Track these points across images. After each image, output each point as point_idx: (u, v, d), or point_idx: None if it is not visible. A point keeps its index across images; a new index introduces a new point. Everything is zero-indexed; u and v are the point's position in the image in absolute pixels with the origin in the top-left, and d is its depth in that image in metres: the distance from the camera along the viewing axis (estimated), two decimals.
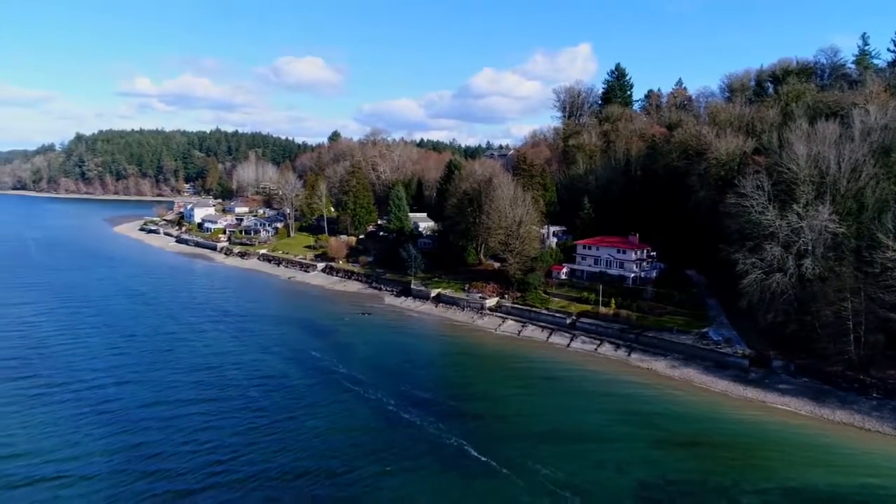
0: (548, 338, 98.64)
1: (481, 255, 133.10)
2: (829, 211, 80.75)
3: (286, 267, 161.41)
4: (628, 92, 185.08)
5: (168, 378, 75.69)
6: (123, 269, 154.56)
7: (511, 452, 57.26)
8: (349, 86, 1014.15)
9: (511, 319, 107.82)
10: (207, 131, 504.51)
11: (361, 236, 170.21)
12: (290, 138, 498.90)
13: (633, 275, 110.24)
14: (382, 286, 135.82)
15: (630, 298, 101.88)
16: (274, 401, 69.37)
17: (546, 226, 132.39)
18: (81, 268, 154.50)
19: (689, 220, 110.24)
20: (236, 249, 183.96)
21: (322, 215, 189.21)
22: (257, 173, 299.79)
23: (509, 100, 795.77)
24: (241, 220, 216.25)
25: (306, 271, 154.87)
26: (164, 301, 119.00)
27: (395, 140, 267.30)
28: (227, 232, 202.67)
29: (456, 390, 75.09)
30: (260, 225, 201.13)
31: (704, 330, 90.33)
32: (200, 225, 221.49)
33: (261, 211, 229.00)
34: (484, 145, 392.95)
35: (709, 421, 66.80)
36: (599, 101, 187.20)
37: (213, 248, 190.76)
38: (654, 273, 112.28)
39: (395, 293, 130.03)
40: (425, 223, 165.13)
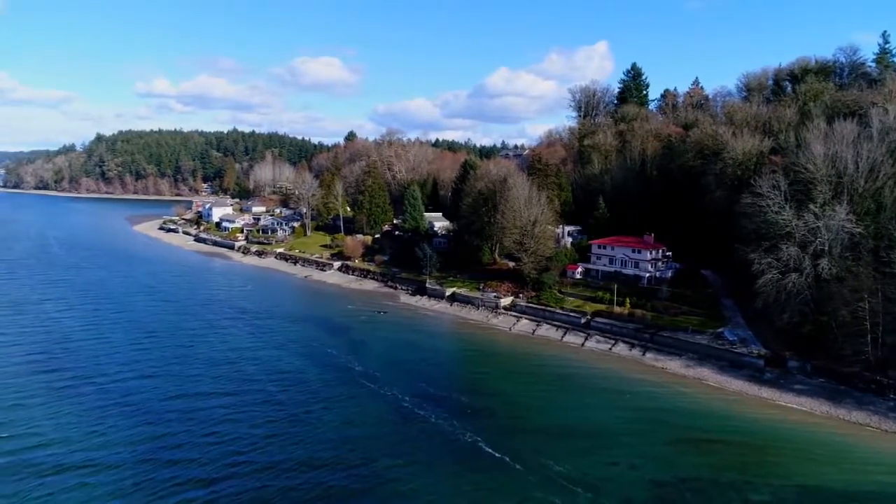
0: (562, 337, 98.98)
1: (496, 255, 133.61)
2: (846, 211, 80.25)
3: (303, 266, 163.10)
4: (644, 91, 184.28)
5: (188, 372, 77.53)
6: (143, 268, 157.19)
7: (524, 449, 57.81)
8: (365, 86, 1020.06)
9: (525, 318, 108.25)
10: (225, 131, 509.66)
11: (377, 235, 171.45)
12: (306, 138, 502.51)
13: (648, 274, 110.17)
14: (398, 285, 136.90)
15: (645, 298, 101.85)
16: (291, 395, 70.72)
17: (561, 225, 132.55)
18: (103, 266, 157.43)
19: (704, 220, 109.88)
20: (254, 248, 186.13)
21: (338, 215, 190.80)
22: (274, 173, 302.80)
23: (525, 99, 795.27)
24: (258, 219, 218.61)
25: (322, 270, 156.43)
26: (184, 299, 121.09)
27: (411, 140, 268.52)
28: (245, 231, 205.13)
29: (470, 388, 75.78)
30: (277, 224, 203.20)
31: (720, 330, 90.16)
32: (218, 224, 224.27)
33: (277, 210, 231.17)
34: (499, 145, 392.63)
35: (723, 420, 66.82)
36: (615, 101, 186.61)
37: (231, 247, 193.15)
38: (669, 273, 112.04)
39: (410, 292, 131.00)
40: (440, 223, 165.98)
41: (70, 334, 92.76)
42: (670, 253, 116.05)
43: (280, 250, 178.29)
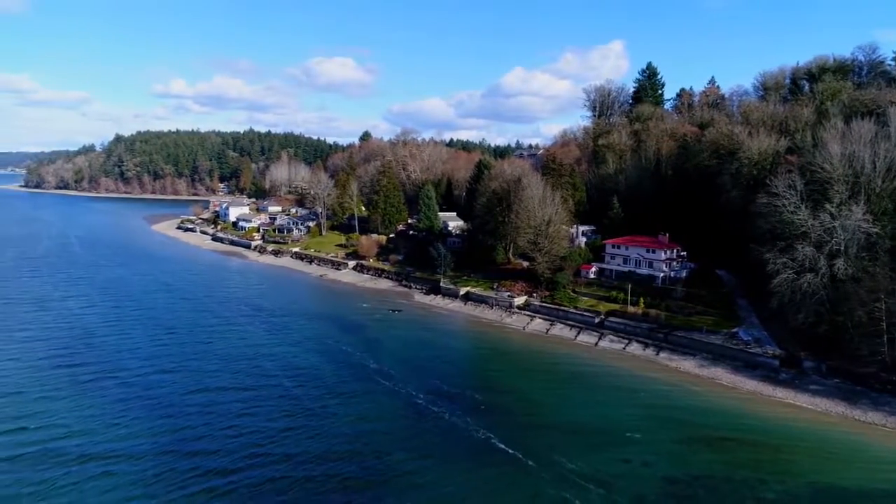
0: (576, 336, 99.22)
1: (510, 254, 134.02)
2: (862, 211, 79.78)
3: (318, 265, 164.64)
4: (660, 91, 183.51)
5: (207, 368, 79.13)
6: (162, 266, 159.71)
7: (537, 446, 58.21)
8: (379, 86, 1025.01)
9: (539, 318, 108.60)
10: (241, 132, 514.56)
11: (392, 235, 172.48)
12: (321, 138, 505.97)
13: (662, 274, 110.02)
14: (412, 284, 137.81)
15: (659, 298, 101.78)
16: (307, 391, 71.87)
17: (575, 225, 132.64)
18: (122, 264, 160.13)
19: (719, 219, 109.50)
20: (270, 247, 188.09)
21: (353, 214, 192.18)
22: (290, 173, 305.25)
23: (539, 99, 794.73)
24: (274, 218, 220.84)
25: (338, 269, 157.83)
26: (202, 296, 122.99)
27: (425, 140, 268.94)
28: (261, 230, 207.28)
29: (484, 385, 76.23)
30: (293, 224, 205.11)
31: (734, 330, 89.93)
32: (235, 224, 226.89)
33: (293, 210, 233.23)
34: (513, 145, 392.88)
35: (736, 419, 66.67)
36: (630, 101, 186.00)
37: (248, 247, 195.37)
38: (683, 273, 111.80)
39: (424, 291, 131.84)
40: (454, 222, 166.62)
41: (92, 330, 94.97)
42: (685, 253, 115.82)
43: (296, 249, 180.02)
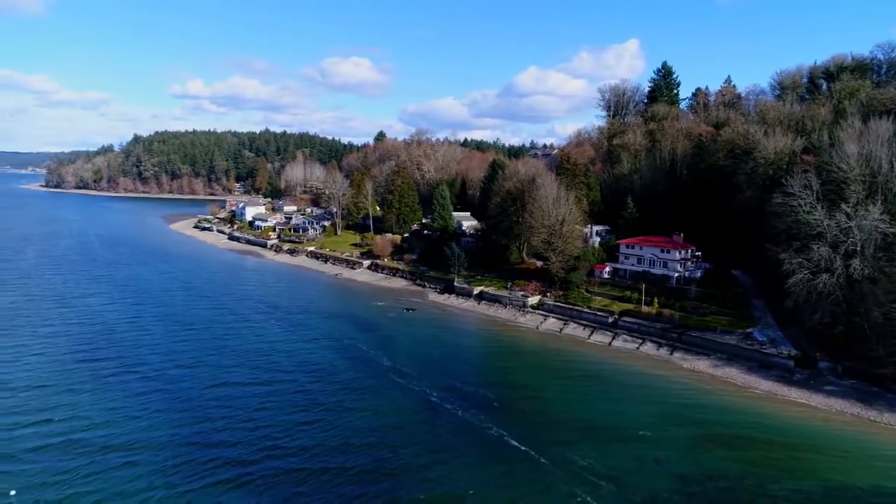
0: (589, 336, 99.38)
1: (524, 254, 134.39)
2: (879, 211, 79.26)
3: (333, 264, 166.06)
4: (675, 91, 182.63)
5: (224, 363, 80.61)
6: (180, 265, 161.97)
7: (550, 444, 58.59)
8: (394, 86, 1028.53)
9: (553, 317, 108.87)
10: (257, 132, 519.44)
11: (406, 234, 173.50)
12: (336, 138, 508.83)
13: (676, 274, 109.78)
14: (426, 283, 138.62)
15: (673, 298, 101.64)
16: (322, 387, 73.00)
17: (589, 225, 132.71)
18: (141, 263, 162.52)
19: (735, 219, 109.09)
20: (285, 247, 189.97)
21: (368, 214, 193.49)
22: (305, 173, 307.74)
23: (554, 98, 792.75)
24: (289, 218, 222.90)
25: (352, 268, 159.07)
26: (219, 294, 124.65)
27: (440, 140, 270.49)
28: (277, 230, 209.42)
29: (497, 384, 76.79)
30: (308, 223, 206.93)
31: (749, 330, 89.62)
32: (251, 223, 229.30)
33: (309, 210, 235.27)
34: (528, 144, 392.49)
35: (750, 420, 66.60)
36: (645, 100, 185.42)
37: (264, 246, 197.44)
38: (698, 273, 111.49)
39: (438, 290, 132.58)
40: (468, 222, 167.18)
41: (113, 326, 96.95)
42: (700, 253, 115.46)
43: (311, 249, 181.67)
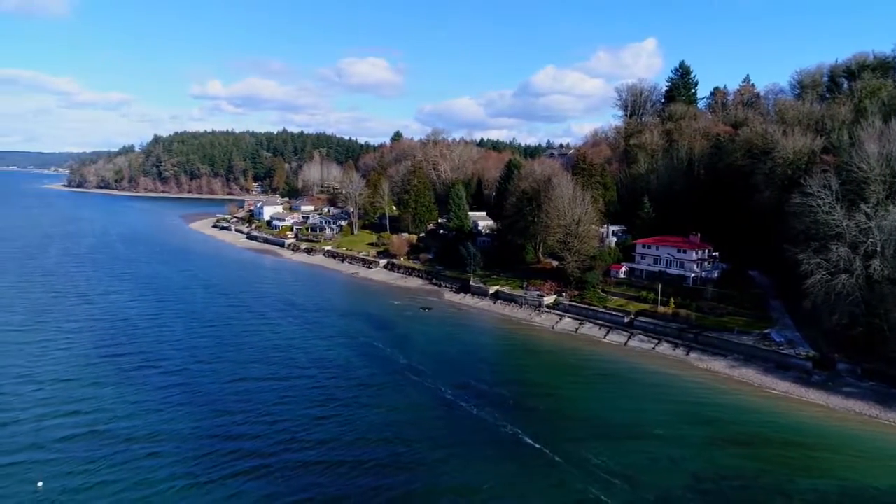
0: (605, 336, 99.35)
1: (539, 254, 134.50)
2: None
3: (350, 263, 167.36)
4: (693, 90, 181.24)
5: (243, 360, 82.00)
6: (199, 263, 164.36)
7: (565, 442, 58.84)
8: (410, 86, 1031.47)
9: (568, 317, 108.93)
10: (274, 132, 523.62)
11: (422, 234, 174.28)
12: (352, 138, 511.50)
13: (693, 275, 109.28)
14: (442, 283, 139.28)
15: (690, 298, 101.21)
16: (339, 383, 74.00)
17: (605, 225, 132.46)
18: (162, 261, 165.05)
19: (752, 219, 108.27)
20: (303, 246, 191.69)
21: (384, 214, 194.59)
22: (322, 173, 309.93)
23: (571, 98, 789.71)
24: (307, 217, 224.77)
25: (369, 267, 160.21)
26: (237, 293, 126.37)
27: (456, 140, 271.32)
28: (294, 229, 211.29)
29: (512, 383, 77.13)
30: (325, 223, 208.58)
31: (766, 331, 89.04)
32: (269, 222, 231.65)
33: (325, 209, 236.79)
34: (544, 144, 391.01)
35: (767, 420, 66.37)
36: (662, 100, 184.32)
37: (281, 245, 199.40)
38: (715, 273, 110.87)
39: (454, 290, 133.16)
40: (484, 221, 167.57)
41: (135, 323, 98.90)
42: (717, 253, 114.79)
43: (328, 248, 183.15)
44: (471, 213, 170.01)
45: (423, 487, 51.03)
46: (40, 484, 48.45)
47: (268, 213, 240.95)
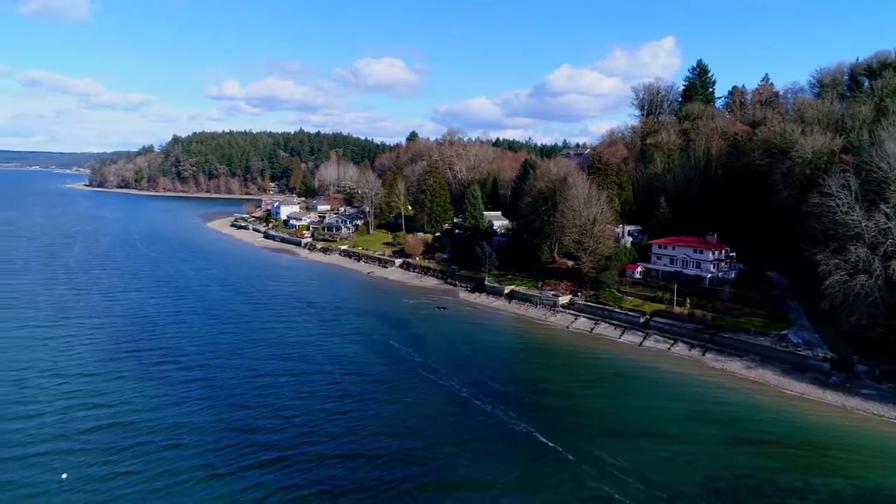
0: (620, 336, 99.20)
1: (555, 254, 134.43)
2: None
3: (365, 262, 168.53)
4: (710, 89, 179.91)
5: (260, 356, 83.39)
6: (217, 262, 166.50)
7: (578, 441, 59.06)
8: (426, 86, 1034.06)
9: (583, 317, 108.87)
10: (291, 132, 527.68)
11: (437, 234, 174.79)
12: (368, 138, 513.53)
13: (710, 275, 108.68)
14: (457, 282, 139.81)
15: (706, 299, 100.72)
16: (355, 381, 74.92)
17: (621, 225, 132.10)
18: (180, 259, 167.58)
19: (770, 220, 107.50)
20: (319, 245, 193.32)
21: (400, 213, 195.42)
22: (338, 173, 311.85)
23: (587, 97, 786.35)
24: (323, 217, 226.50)
25: (384, 267, 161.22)
26: (254, 291, 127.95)
27: (471, 139, 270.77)
28: (311, 228, 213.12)
29: (526, 382, 77.43)
30: (341, 222, 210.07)
31: (784, 332, 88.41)
32: (286, 222, 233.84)
33: (342, 209, 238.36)
34: (560, 144, 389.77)
35: (783, 421, 66.03)
36: (679, 99, 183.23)
37: (298, 244, 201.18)
38: (732, 274, 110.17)
39: (469, 289, 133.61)
40: (500, 221, 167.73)
41: (155, 319, 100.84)
42: (734, 253, 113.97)
43: (344, 247, 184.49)
44: (486, 213, 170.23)
45: (436, 481, 51.85)
46: (64, 476, 49.76)
47: (285, 212, 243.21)
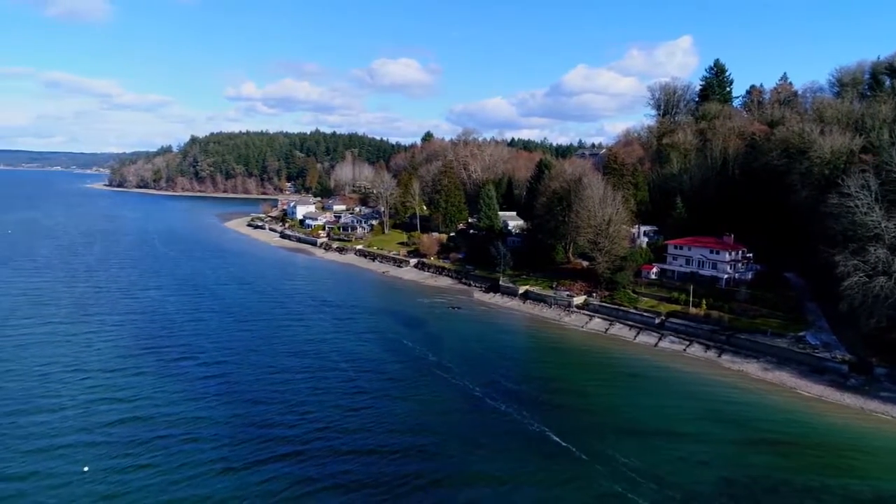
0: (635, 336, 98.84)
1: (570, 254, 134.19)
2: None
3: (380, 262, 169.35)
4: (727, 88, 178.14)
5: (276, 353, 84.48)
6: (234, 261, 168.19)
7: (592, 441, 59.03)
8: (441, 86, 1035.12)
9: (598, 317, 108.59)
10: (307, 132, 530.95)
11: (452, 234, 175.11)
12: (384, 139, 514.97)
13: (726, 276, 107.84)
14: (471, 282, 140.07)
15: (722, 300, 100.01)
16: (369, 378, 75.67)
17: (637, 225, 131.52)
18: (198, 258, 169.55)
19: (788, 220, 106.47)
20: (334, 245, 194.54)
21: (415, 213, 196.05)
22: (354, 173, 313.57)
23: (603, 97, 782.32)
24: (338, 217, 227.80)
25: (399, 266, 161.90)
26: (271, 290, 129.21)
27: (486, 140, 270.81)
28: (326, 228, 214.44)
29: (540, 382, 77.40)
30: (356, 222, 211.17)
31: (801, 333, 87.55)
32: (302, 221, 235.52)
33: (357, 209, 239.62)
34: (576, 143, 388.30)
35: (799, 423, 65.51)
36: (696, 99, 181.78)
37: (314, 244, 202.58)
38: (749, 274, 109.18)
39: (483, 289, 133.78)
40: (514, 221, 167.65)
41: (173, 317, 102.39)
42: (751, 254, 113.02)
43: (359, 247, 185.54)
44: (501, 213, 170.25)
45: (449, 476, 52.44)
46: (86, 468, 50.92)
47: (300, 212, 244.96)
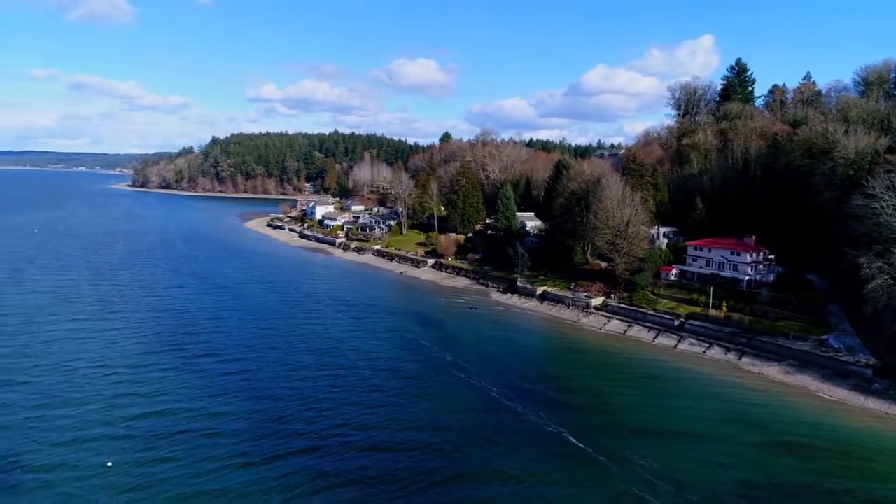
0: (654, 338, 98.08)
1: (588, 255, 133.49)
2: None
3: (398, 262, 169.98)
4: (749, 88, 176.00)
5: (295, 352, 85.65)
6: (254, 261, 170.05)
7: (609, 443, 58.81)
8: (460, 87, 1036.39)
9: (616, 319, 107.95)
10: (326, 133, 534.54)
11: (470, 234, 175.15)
12: (402, 139, 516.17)
13: (747, 277, 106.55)
14: (489, 283, 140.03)
15: (743, 302, 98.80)
16: (386, 377, 76.27)
17: (656, 226, 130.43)
18: (219, 258, 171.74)
19: (811, 222, 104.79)
20: (353, 245, 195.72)
21: (433, 214, 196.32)
22: (372, 173, 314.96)
23: (623, 97, 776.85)
24: (357, 217, 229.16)
25: (417, 267, 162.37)
26: (290, 289, 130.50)
27: (505, 140, 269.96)
28: (345, 228, 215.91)
29: (557, 383, 77.10)
30: (374, 222, 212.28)
31: (824, 337, 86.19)
32: (321, 222, 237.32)
33: (375, 209, 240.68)
34: (595, 144, 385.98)
35: (822, 427, 64.55)
36: (717, 98, 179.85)
37: (332, 244, 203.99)
38: (771, 276, 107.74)
39: (501, 290, 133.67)
40: (532, 222, 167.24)
41: (195, 315, 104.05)
42: (773, 256, 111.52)
43: (377, 247, 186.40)
44: (519, 214, 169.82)
45: (464, 474, 52.89)
46: (109, 464, 52.01)
47: (319, 212, 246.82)
